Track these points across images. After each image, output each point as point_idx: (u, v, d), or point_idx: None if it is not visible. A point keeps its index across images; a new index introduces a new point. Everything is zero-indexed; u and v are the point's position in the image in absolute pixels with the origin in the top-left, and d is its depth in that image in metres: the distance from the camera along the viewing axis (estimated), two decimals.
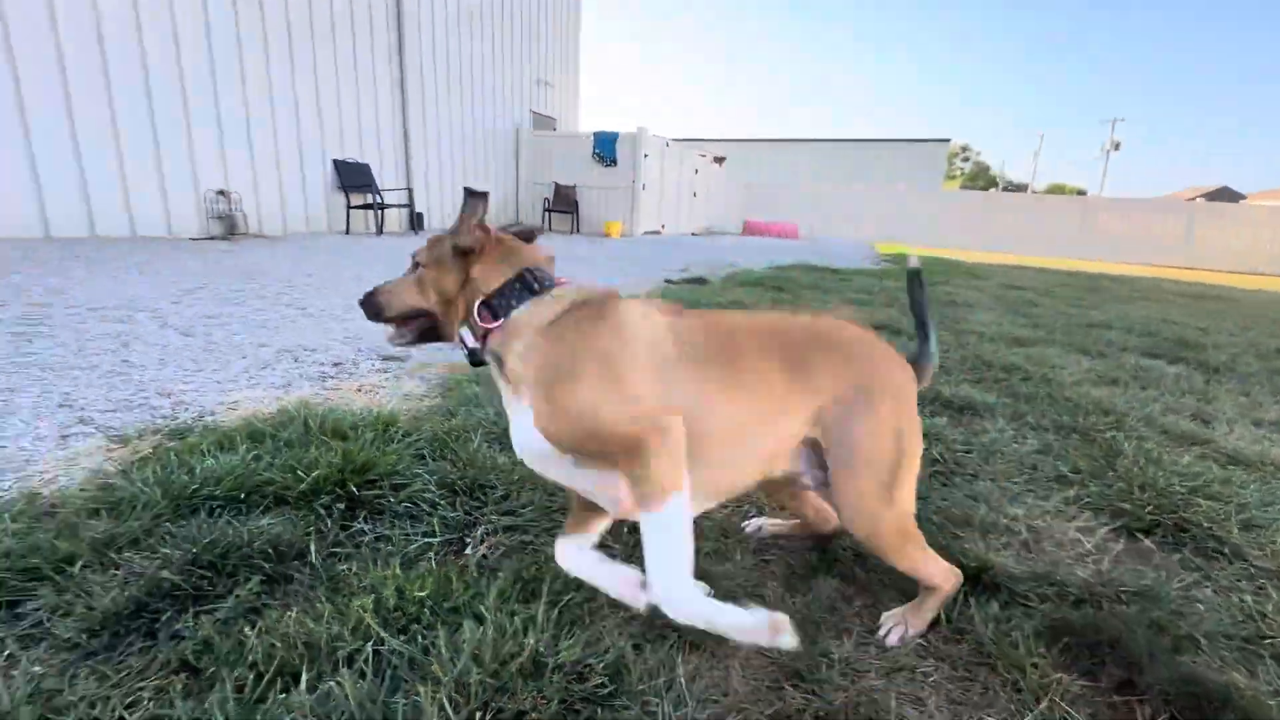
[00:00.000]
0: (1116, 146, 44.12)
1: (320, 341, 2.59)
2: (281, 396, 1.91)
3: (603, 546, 1.10)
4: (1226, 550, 1.31)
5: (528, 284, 0.97)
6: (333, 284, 4.07)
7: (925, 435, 1.76)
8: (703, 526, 1.28)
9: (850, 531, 0.99)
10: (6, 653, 0.84)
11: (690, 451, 0.87)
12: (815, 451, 1.00)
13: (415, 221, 9.52)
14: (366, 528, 1.18)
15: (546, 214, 12.27)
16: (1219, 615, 1.09)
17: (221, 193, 7.02)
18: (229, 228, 7.01)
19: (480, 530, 1.21)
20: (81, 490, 1.23)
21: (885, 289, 5.45)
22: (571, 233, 12.14)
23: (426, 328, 1.04)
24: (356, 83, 8.72)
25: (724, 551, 1.22)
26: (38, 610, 0.91)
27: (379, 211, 8.63)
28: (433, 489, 1.31)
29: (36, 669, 0.81)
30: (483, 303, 0.96)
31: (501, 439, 1.59)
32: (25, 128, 5.33)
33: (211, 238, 6.75)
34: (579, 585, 1.05)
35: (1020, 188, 52.04)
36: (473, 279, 0.98)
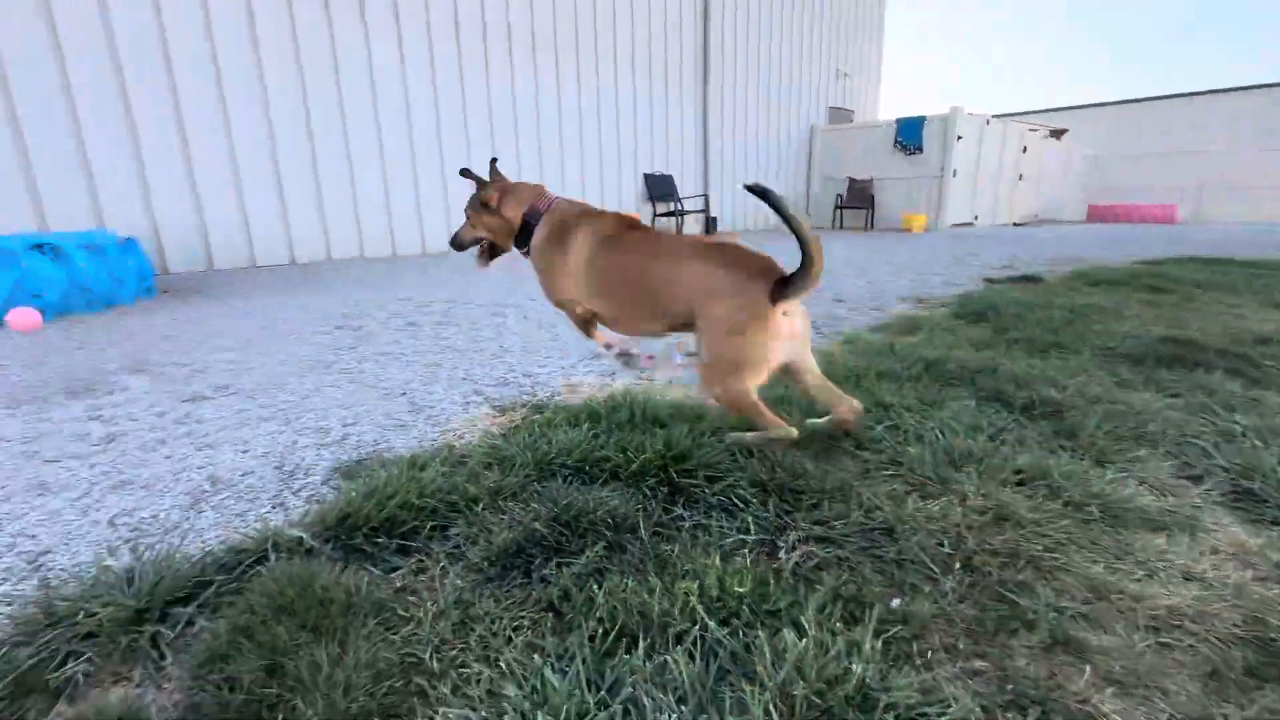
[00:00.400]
0: None
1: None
2: (609, 383, 2.18)
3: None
4: None
5: (533, 216, 1.71)
6: None
7: None
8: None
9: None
10: (441, 564, 1.11)
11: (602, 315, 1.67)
12: None
13: (709, 225, 10.08)
14: (685, 514, 1.26)
15: (838, 210, 11.77)
16: None
17: None
18: None
19: (792, 536, 1.18)
20: (478, 447, 1.58)
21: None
22: (866, 229, 11.41)
23: (489, 250, 1.84)
24: (666, 101, 9.60)
25: (1100, 620, 0.97)
26: (457, 535, 1.20)
27: (679, 218, 9.38)
28: (745, 486, 1.33)
29: (458, 582, 1.06)
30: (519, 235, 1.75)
31: (805, 443, 1.55)
32: (441, 169, 7.19)
33: None
34: (905, 619, 0.95)
35: None
36: (505, 216, 1.74)
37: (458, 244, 1.84)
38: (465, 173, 1.80)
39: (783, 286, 1.38)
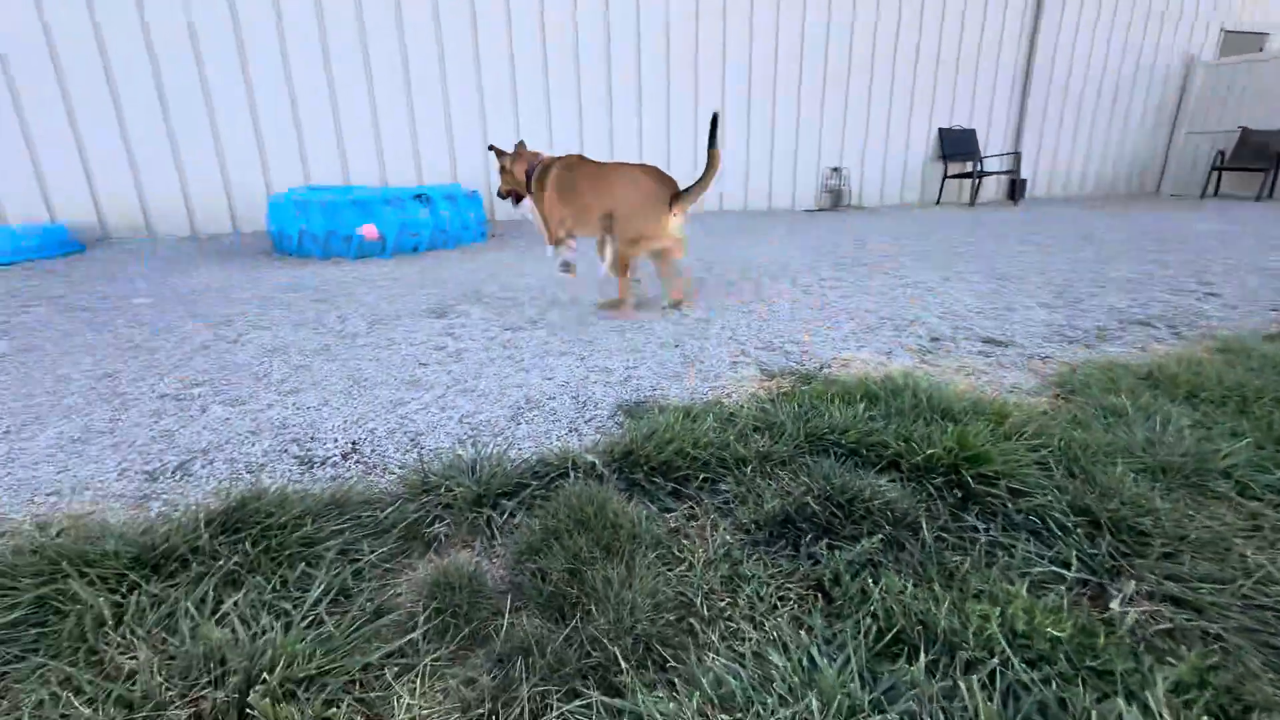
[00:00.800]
0: None
1: (918, 313, 2.61)
2: (886, 363, 2.01)
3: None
4: None
5: (530, 170, 2.74)
6: (924, 256, 4.05)
7: None
8: None
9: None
10: (711, 516, 1.16)
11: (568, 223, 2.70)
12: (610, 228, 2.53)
13: (1015, 190, 8.51)
14: (979, 525, 1.10)
15: (1215, 173, 8.90)
16: None
17: (835, 169, 7.96)
18: (835, 200, 7.93)
19: (1131, 586, 0.95)
20: (746, 408, 1.60)
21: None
22: (1260, 198, 8.45)
23: (516, 196, 2.89)
24: (980, 43, 8.20)
25: None
26: (726, 491, 1.23)
27: (976, 180, 8.10)
28: (1063, 510, 1.11)
29: (728, 537, 1.09)
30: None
31: (1154, 472, 1.22)
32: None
33: (821, 209, 7.79)
34: None
35: None
36: (514, 173, 2.81)
37: (500, 194, 2.93)
38: (492, 148, 2.88)
39: (677, 197, 2.41)
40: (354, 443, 1.51)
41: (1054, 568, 0.99)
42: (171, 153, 5.27)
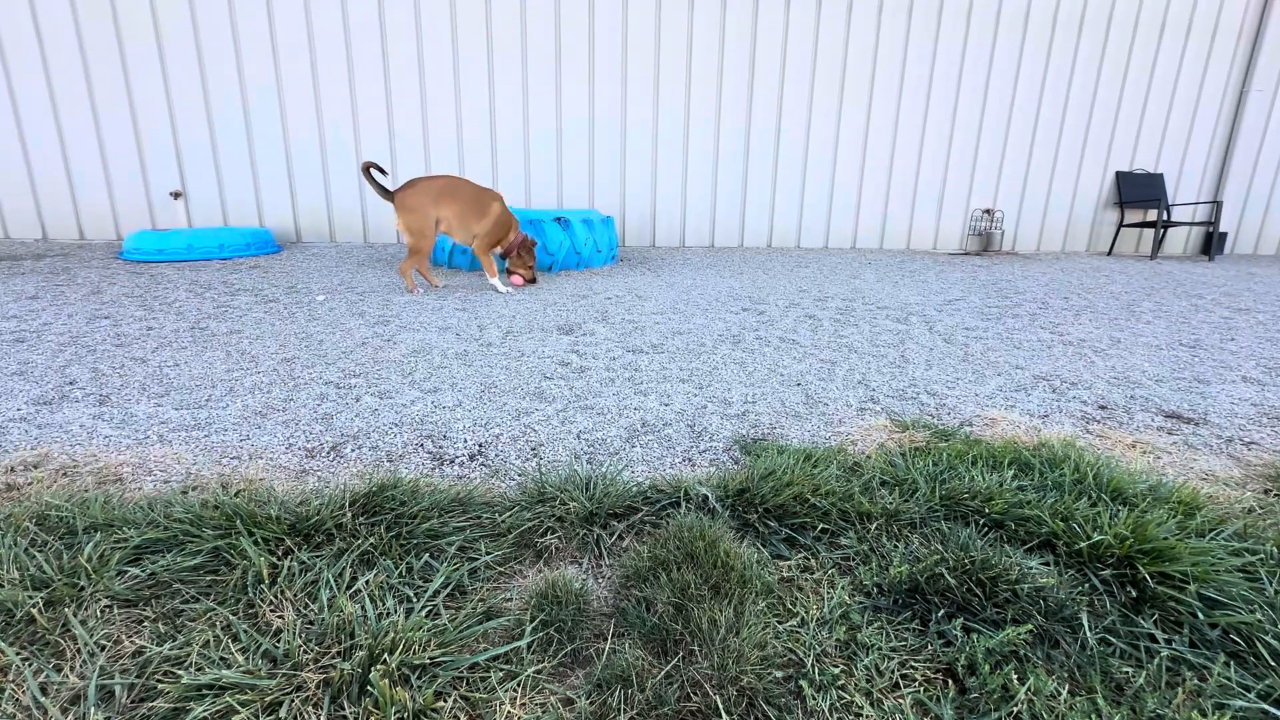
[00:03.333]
0: None
1: (1081, 375, 2.32)
2: (1040, 428, 1.79)
3: None
4: None
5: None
6: (1092, 310, 3.60)
7: None
8: None
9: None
10: (829, 571, 1.08)
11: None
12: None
13: (1211, 244, 7.36)
14: (1159, 635, 0.93)
15: None
16: None
17: (987, 211, 7.37)
18: (984, 244, 7.33)
19: None
20: (874, 460, 1.49)
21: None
22: None
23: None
24: (1177, 77, 7.27)
25: None
26: (848, 547, 1.14)
27: (1160, 231, 7.14)
28: (1272, 629, 0.91)
29: (845, 597, 1.01)
30: None
31: None
32: (864, 163, 7.04)
33: (966, 253, 7.24)
34: None
35: None
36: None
37: None
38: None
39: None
40: (480, 445, 1.59)
41: (1263, 704, 0.80)
42: (356, 174, 6.04)
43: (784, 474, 1.32)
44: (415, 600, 0.95)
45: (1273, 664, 0.86)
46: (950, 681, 0.85)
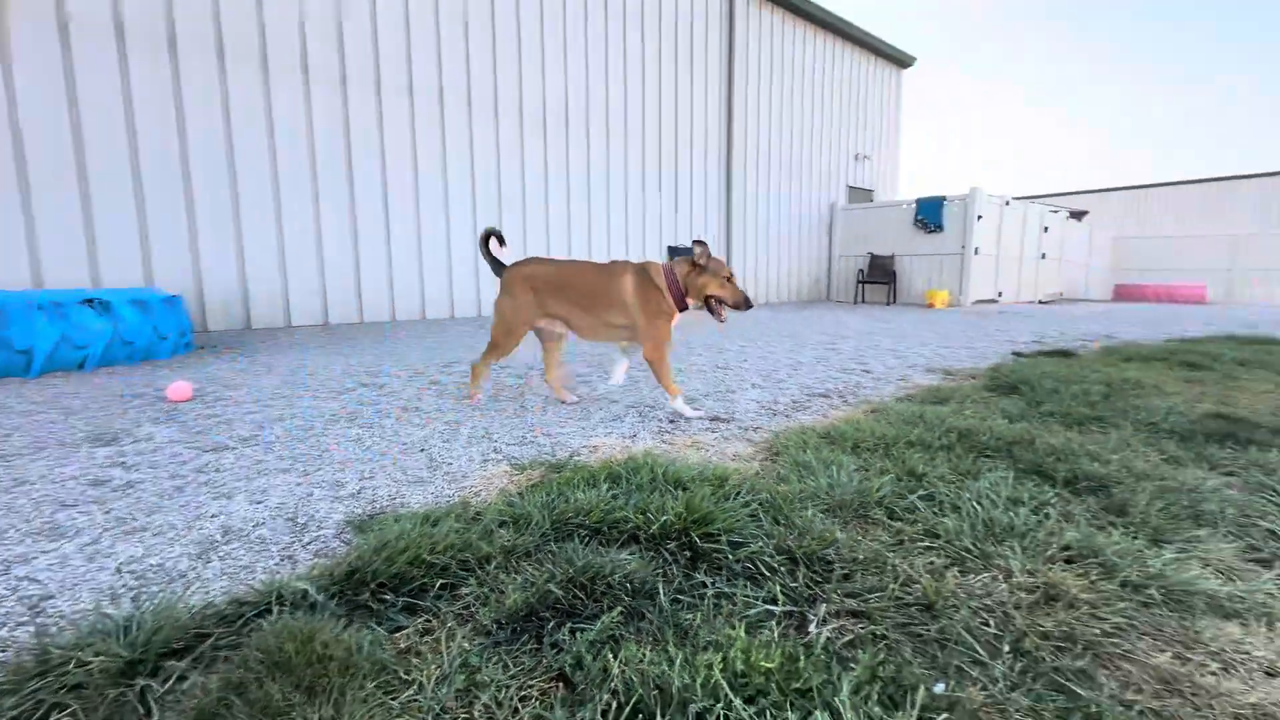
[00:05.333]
0: None
1: (658, 401, 2.87)
2: (629, 445, 2.14)
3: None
4: None
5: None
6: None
7: None
8: None
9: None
10: (449, 625, 1.05)
11: None
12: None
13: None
14: (707, 580, 1.19)
15: (860, 285, 11.87)
16: None
17: None
18: None
19: (823, 608, 1.10)
20: (494, 504, 1.54)
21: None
22: (888, 303, 11.44)
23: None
24: (691, 184, 9.99)
25: (1174, 718, 0.86)
26: (468, 594, 1.14)
27: None
28: (771, 553, 1.26)
29: (465, 644, 0.99)
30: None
31: (834, 510, 1.48)
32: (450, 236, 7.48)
33: None
34: (950, 706, 0.86)
35: None
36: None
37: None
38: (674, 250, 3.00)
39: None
40: None
41: (766, 606, 1.10)
42: None
43: (399, 541, 1.25)
44: None
45: (768, 575, 1.19)
46: (562, 684, 0.92)
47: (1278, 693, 0.91)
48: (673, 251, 9.69)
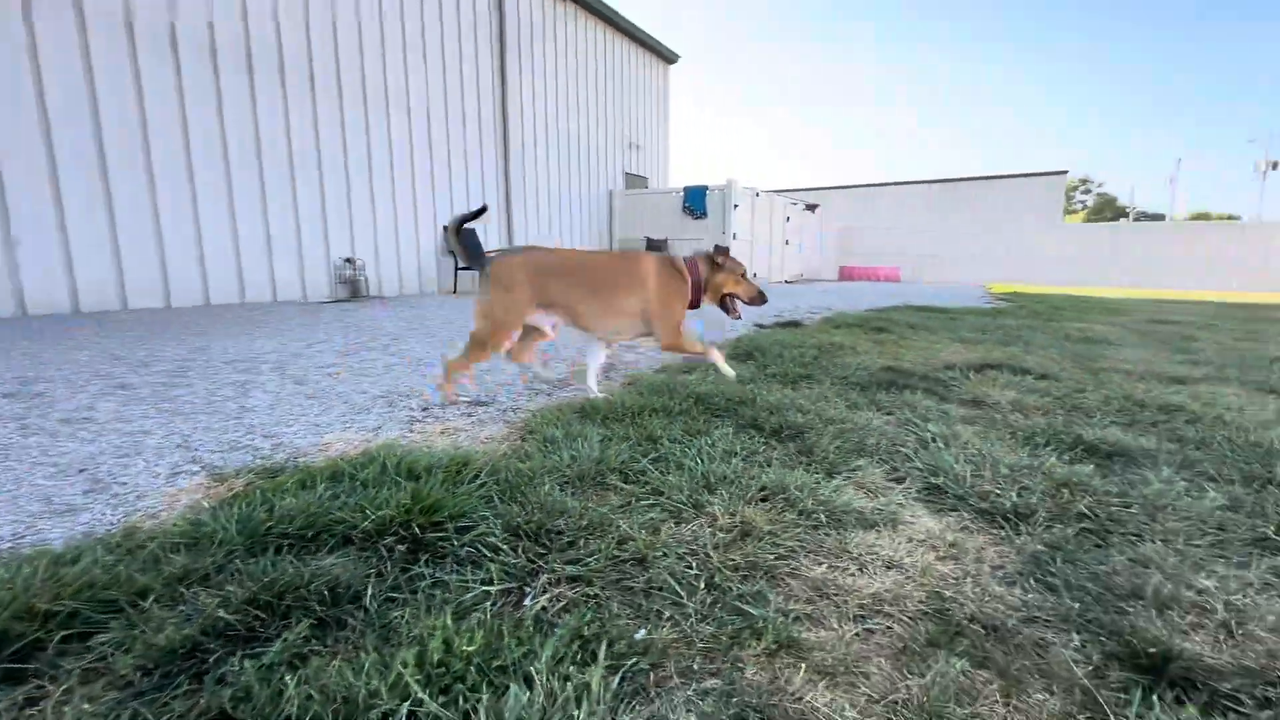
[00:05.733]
0: (1276, 166, 38.83)
1: (414, 387, 2.68)
2: (371, 439, 1.95)
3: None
4: None
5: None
6: (435, 337, 4.28)
7: (1070, 487, 1.47)
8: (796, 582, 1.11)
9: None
10: (65, 686, 0.83)
11: None
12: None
13: None
14: (427, 571, 1.12)
15: None
16: None
17: (348, 260, 7.78)
18: (353, 291, 7.72)
19: (543, 579, 1.11)
20: (174, 526, 1.28)
21: (1001, 325, 4.96)
22: None
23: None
24: (465, 158, 9.53)
25: (818, 617, 1.04)
26: (105, 642, 0.91)
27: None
28: (497, 532, 1.23)
29: (86, 706, 0.79)
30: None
31: (573, 481, 1.51)
32: (196, 216, 6.24)
33: (337, 300, 7.45)
34: (645, 649, 0.92)
35: (1157, 218, 46.59)
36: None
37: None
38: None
39: None
40: None
41: (484, 587, 1.07)
42: None
43: (3, 594, 0.96)
44: None
45: (492, 555, 1.17)
46: None
47: (891, 581, 1.14)
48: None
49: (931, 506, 1.50)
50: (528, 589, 1.08)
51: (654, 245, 12.54)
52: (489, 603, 1.03)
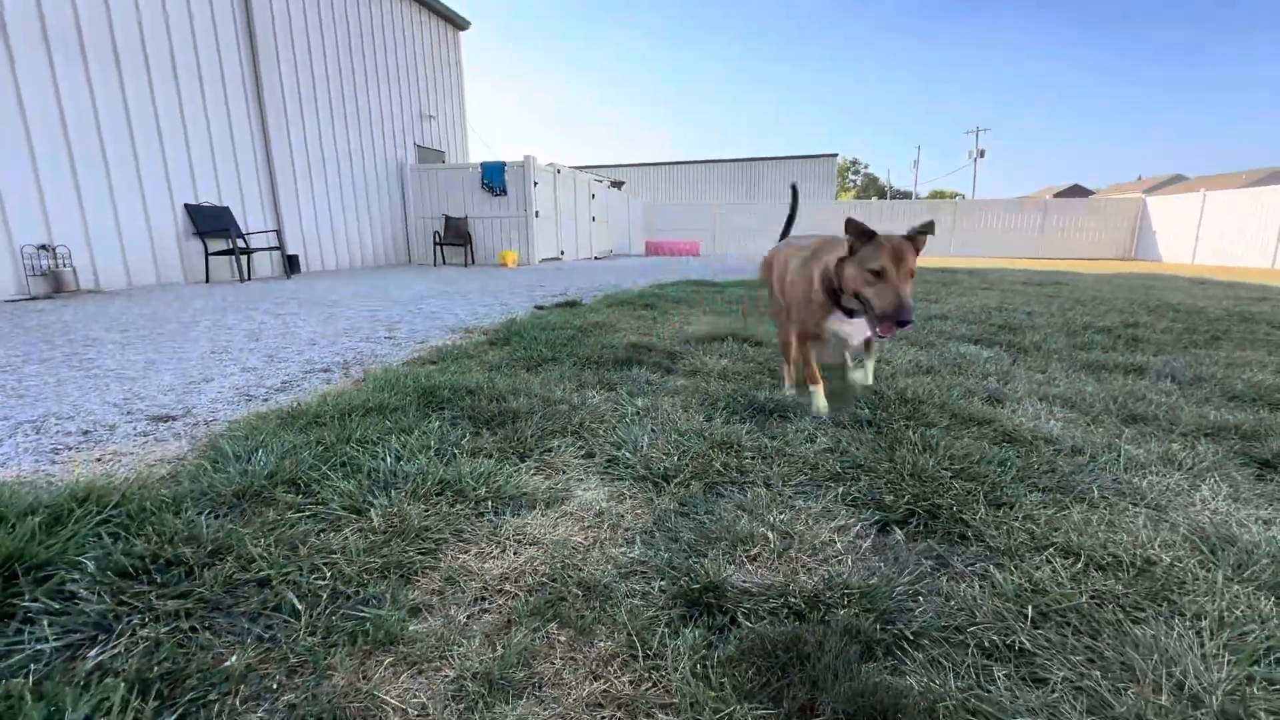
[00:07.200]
0: (982, 154, 48.56)
1: (85, 407, 2.27)
2: None
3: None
4: (970, 534, 1.31)
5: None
6: (149, 338, 3.66)
7: (721, 446, 1.69)
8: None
9: None
10: None
11: None
12: None
13: (288, 265, 8.95)
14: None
15: (438, 247, 11.91)
16: (939, 608, 1.06)
17: (43, 247, 6.29)
18: (55, 285, 6.28)
19: (128, 622, 1.01)
20: None
21: (755, 296, 5.59)
22: (466, 264, 11.83)
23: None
24: (207, 117, 8.15)
25: (437, 606, 1.08)
26: None
27: (244, 257, 8.06)
28: (90, 576, 1.10)
29: None
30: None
31: (226, 504, 1.40)
32: None
33: (33, 298, 6.02)
34: (227, 677, 0.89)
35: (906, 196, 55.88)
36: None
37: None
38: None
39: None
40: None
41: (37, 646, 0.95)
42: None
43: None
44: None
45: (62, 608, 1.04)
46: None
47: (524, 559, 1.24)
48: (193, 212, 7.83)
49: (607, 477, 1.64)
50: (100, 637, 0.98)
51: (454, 224, 11.97)
52: (41, 663, 0.91)
